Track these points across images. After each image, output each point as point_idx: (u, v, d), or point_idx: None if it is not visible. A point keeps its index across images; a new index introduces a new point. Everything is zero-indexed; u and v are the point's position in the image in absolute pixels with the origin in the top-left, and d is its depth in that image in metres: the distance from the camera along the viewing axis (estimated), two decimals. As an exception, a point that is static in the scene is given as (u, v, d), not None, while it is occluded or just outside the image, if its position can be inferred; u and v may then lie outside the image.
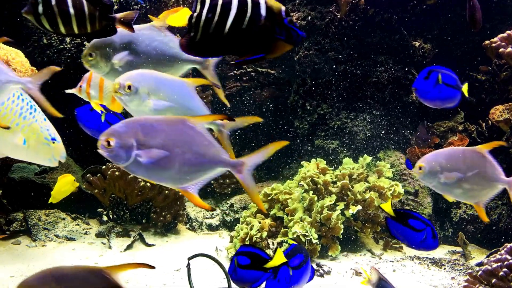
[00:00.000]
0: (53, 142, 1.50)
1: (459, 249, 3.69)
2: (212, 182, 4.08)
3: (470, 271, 2.92)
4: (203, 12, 1.23)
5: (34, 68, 3.15)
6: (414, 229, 2.03)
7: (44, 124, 1.53)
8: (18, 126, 1.46)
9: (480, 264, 3.27)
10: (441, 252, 3.72)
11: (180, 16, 2.72)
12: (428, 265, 3.30)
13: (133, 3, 4.28)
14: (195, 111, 1.46)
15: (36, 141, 1.46)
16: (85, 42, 4.35)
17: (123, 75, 1.43)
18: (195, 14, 1.23)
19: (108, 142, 1.32)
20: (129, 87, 1.41)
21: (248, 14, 1.21)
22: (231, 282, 2.45)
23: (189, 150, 1.33)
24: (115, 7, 4.36)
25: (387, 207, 2.04)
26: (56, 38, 4.26)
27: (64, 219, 3.67)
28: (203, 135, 1.36)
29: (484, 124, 3.96)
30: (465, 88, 2.07)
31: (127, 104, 1.44)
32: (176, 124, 1.34)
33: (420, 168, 1.65)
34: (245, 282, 1.77)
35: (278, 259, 1.68)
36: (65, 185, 3.10)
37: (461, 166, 1.57)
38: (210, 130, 1.45)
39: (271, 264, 1.69)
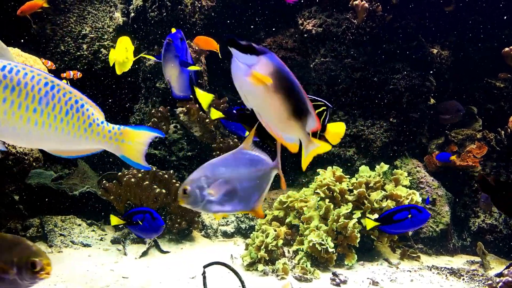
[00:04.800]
0: None
1: (477, 259, 3.64)
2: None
3: (489, 282, 2.87)
4: None
5: (52, 75, 3.17)
6: None
7: None
8: None
9: (499, 275, 3.21)
10: (460, 261, 3.67)
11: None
12: (446, 275, 3.25)
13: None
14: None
15: None
16: (101, 49, 4.38)
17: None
18: None
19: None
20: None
21: None
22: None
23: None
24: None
25: None
26: (73, 45, 4.29)
27: (79, 225, 3.68)
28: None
29: (503, 132, 3.91)
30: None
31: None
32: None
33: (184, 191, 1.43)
34: None
35: None
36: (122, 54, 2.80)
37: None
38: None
39: None
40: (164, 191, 3.61)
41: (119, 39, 2.78)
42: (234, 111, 1.79)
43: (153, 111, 4.17)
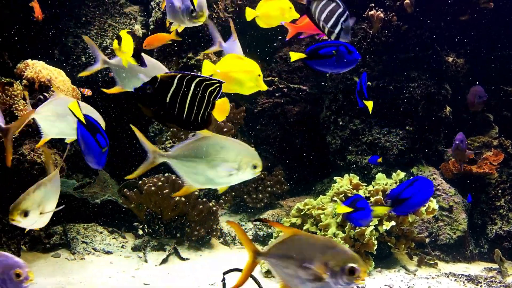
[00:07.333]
0: None
1: (495, 265, 3.64)
2: (245, 197, 4.13)
3: (507, 289, 2.89)
4: None
5: (75, 86, 3.26)
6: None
7: None
8: None
9: (517, 282, 3.22)
10: (477, 268, 3.68)
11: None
12: (464, 282, 3.26)
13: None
14: None
15: None
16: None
17: None
18: None
19: None
20: None
21: None
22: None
23: None
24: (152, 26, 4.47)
25: None
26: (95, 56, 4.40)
27: (101, 232, 3.76)
28: None
29: (520, 139, 3.92)
30: None
31: None
32: None
33: None
34: None
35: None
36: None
37: None
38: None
39: None
40: (183, 199, 3.68)
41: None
42: (133, 90, 1.78)
43: (172, 120, 4.24)
